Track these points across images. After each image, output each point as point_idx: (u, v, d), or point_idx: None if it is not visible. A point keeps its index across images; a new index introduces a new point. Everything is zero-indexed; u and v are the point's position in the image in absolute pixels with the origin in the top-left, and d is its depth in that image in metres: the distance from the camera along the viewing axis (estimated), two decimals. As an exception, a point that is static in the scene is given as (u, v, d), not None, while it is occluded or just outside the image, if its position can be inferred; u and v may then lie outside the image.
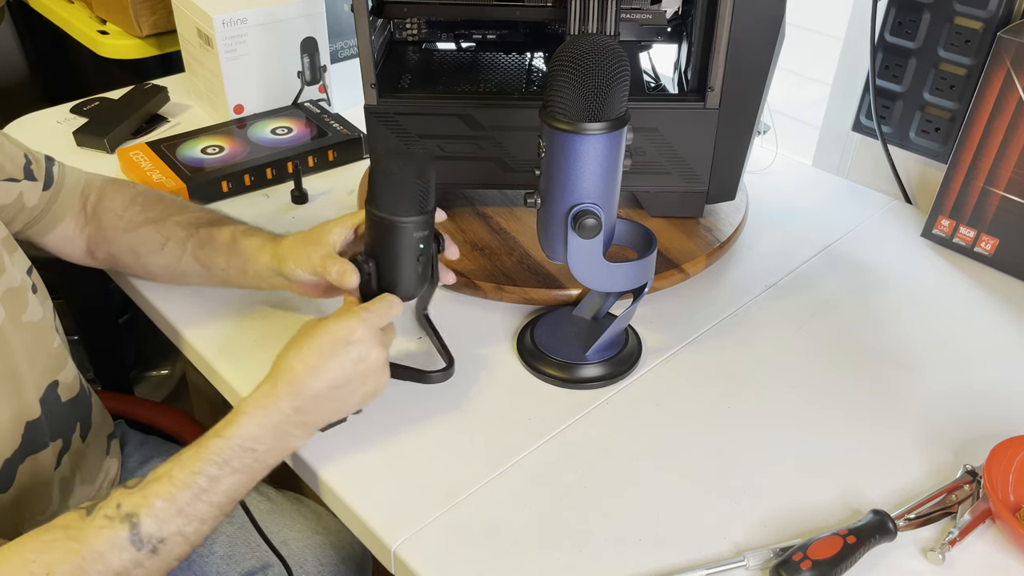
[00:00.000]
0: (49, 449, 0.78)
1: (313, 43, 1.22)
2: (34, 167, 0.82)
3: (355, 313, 0.69)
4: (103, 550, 0.60)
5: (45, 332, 0.79)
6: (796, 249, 0.99)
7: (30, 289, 0.77)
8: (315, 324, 0.69)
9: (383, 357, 0.69)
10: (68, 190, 0.85)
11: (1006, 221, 0.95)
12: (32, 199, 0.82)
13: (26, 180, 0.81)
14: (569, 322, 0.86)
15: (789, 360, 0.84)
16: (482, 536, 0.66)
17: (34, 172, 0.82)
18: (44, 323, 0.79)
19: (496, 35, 1.05)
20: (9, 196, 0.79)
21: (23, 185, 0.81)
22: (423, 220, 0.72)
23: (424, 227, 0.73)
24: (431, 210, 0.73)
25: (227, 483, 0.64)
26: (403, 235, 0.72)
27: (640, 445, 0.74)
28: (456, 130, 0.92)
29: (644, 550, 0.65)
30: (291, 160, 1.08)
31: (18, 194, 0.80)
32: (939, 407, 0.78)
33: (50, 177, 0.83)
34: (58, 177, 0.84)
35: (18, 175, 0.80)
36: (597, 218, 0.72)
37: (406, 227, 0.72)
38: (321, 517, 0.96)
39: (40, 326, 0.78)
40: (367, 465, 0.72)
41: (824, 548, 0.63)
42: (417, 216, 0.71)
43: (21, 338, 0.74)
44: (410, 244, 0.73)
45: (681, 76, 0.99)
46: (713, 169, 0.94)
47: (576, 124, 0.68)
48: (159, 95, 1.26)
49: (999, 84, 0.90)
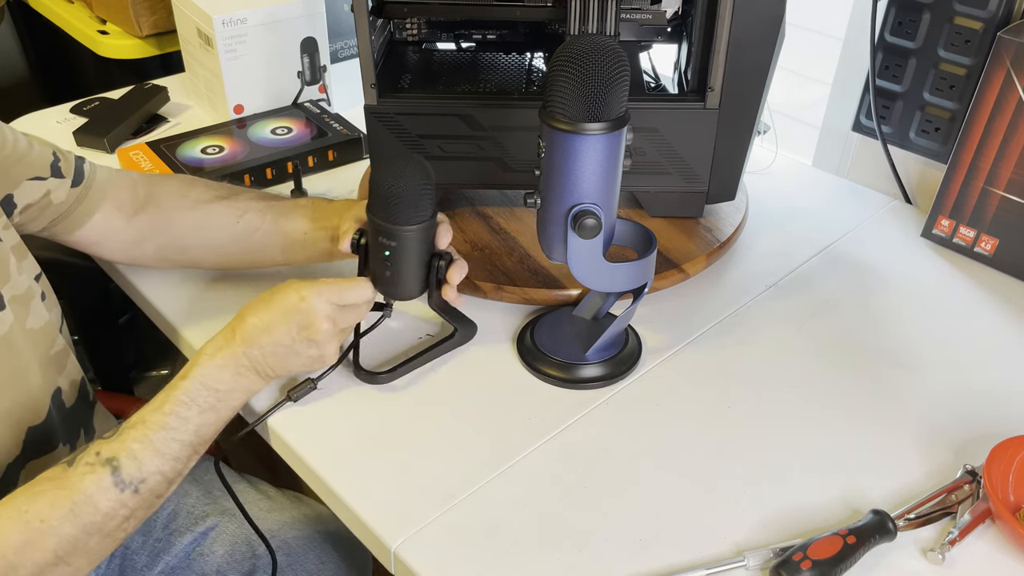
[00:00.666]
0: (55, 454, 0.78)
1: (313, 43, 1.22)
2: (62, 164, 0.82)
3: (315, 284, 0.73)
4: (90, 492, 0.64)
5: (51, 337, 0.79)
6: (796, 249, 0.99)
7: (39, 296, 0.78)
8: (282, 285, 0.73)
9: (330, 330, 0.72)
10: (99, 185, 0.85)
11: (1006, 221, 0.95)
12: (60, 196, 0.82)
13: (53, 177, 0.81)
14: (569, 322, 0.86)
15: (789, 360, 0.84)
16: (482, 536, 0.66)
17: (62, 169, 0.82)
18: (51, 328, 0.79)
19: (496, 35, 1.05)
20: (35, 195, 0.80)
21: (50, 183, 0.81)
22: (423, 228, 0.74)
23: (422, 235, 0.74)
24: (430, 216, 0.74)
25: (195, 422, 0.69)
26: (404, 241, 0.74)
27: (640, 445, 0.74)
28: (456, 130, 0.92)
29: (644, 550, 0.65)
30: (291, 160, 1.09)
31: (45, 192, 0.80)
32: (939, 407, 0.78)
33: (79, 174, 0.84)
34: (88, 174, 0.84)
35: (44, 173, 0.80)
36: (597, 218, 0.72)
37: (407, 234, 0.73)
38: (321, 516, 0.96)
39: (47, 331, 0.78)
40: (367, 465, 0.72)
41: (824, 548, 0.63)
42: (416, 224, 0.73)
43: (28, 343, 0.75)
44: (410, 249, 0.74)
45: (681, 76, 0.99)
46: (713, 169, 0.94)
47: (576, 124, 0.68)
48: (159, 95, 1.26)
49: (999, 84, 0.90)
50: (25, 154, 0.79)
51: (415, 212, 0.73)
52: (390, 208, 0.73)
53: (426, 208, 0.74)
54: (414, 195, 0.72)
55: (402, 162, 0.72)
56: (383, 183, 0.72)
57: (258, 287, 0.90)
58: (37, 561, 0.62)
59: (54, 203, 0.82)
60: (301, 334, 0.72)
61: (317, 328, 0.72)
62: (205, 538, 0.90)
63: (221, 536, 0.91)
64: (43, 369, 0.77)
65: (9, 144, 0.78)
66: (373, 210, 0.74)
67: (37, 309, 0.77)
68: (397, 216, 0.73)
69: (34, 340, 0.76)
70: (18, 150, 0.79)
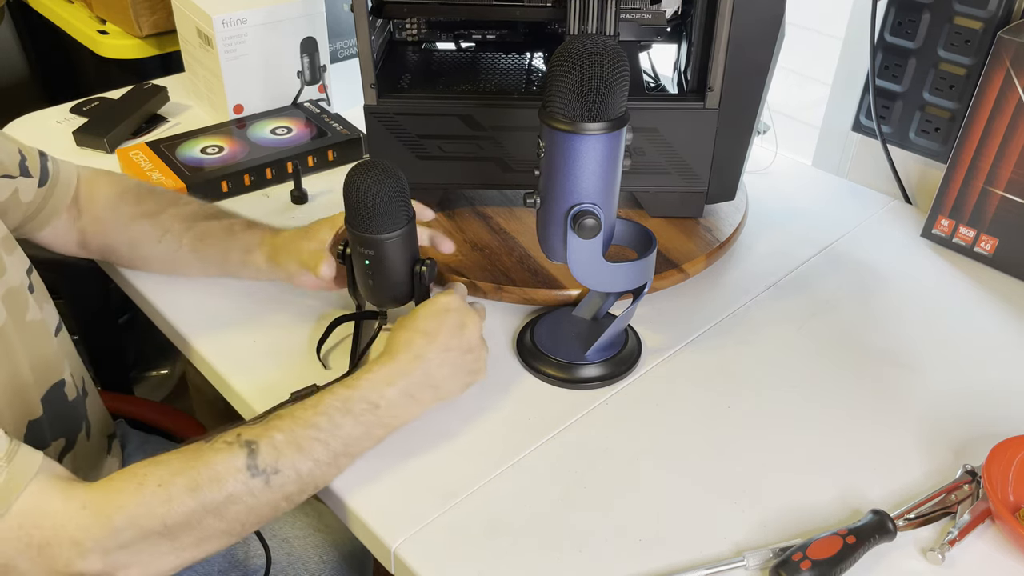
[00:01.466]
0: (51, 448, 0.78)
1: (313, 43, 1.22)
2: (29, 163, 0.82)
3: (444, 292, 0.75)
4: (220, 469, 0.61)
5: (46, 332, 0.79)
6: (796, 249, 0.99)
7: (28, 289, 0.77)
8: (417, 308, 0.75)
9: (478, 323, 0.75)
10: (62, 185, 0.85)
11: (1006, 221, 0.95)
12: (28, 195, 0.82)
13: (22, 177, 0.81)
14: (569, 322, 0.86)
15: (789, 360, 0.84)
16: (482, 536, 0.66)
17: (29, 168, 0.82)
18: (45, 323, 0.79)
19: (496, 35, 1.05)
20: (4, 192, 0.79)
21: (19, 182, 0.81)
22: (400, 235, 0.74)
23: (400, 242, 0.75)
24: (406, 223, 0.75)
25: (346, 431, 0.67)
26: (381, 250, 0.75)
27: (640, 445, 0.74)
28: (456, 130, 0.92)
29: (644, 550, 0.65)
30: (291, 160, 1.09)
31: (13, 191, 0.80)
32: (939, 407, 0.78)
33: (45, 173, 0.84)
34: (52, 172, 0.85)
35: (14, 172, 0.80)
36: (597, 218, 0.72)
37: (384, 243, 0.74)
38: (322, 515, 0.96)
39: (41, 326, 0.78)
40: (367, 465, 0.72)
41: (824, 548, 0.63)
42: (391, 232, 0.74)
43: (23, 338, 0.75)
44: (389, 257, 0.75)
45: (681, 76, 0.99)
46: (713, 169, 0.94)
47: (575, 124, 0.68)
48: (159, 95, 1.26)
49: (999, 84, 0.90)
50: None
51: (389, 220, 0.73)
52: (363, 218, 0.73)
53: (400, 215, 0.74)
54: (385, 203, 0.72)
55: (372, 171, 0.72)
56: (353, 194, 0.73)
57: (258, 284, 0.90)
58: (144, 526, 0.59)
59: (23, 202, 0.82)
60: (460, 332, 0.72)
61: (471, 322, 0.73)
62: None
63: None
64: (41, 363, 0.77)
65: None
66: (349, 221, 0.74)
67: (31, 303, 0.77)
68: (372, 226, 0.73)
69: (30, 334, 0.76)
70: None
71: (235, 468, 0.61)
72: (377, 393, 0.68)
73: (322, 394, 0.68)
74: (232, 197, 1.07)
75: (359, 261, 0.76)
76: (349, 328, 0.84)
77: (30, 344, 0.76)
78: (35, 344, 0.77)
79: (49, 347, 0.79)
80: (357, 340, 0.83)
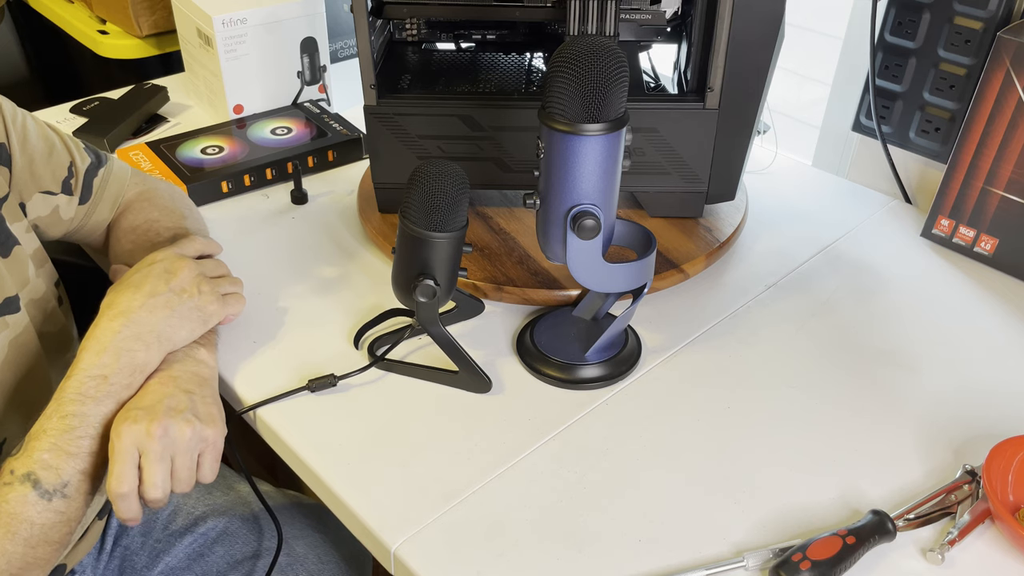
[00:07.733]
0: None
1: (313, 43, 1.22)
2: (73, 181, 0.83)
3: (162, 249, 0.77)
4: (18, 511, 0.63)
5: (67, 342, 0.81)
6: (796, 249, 0.99)
7: (55, 301, 0.78)
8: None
9: (193, 269, 0.75)
10: (105, 203, 0.86)
11: (1006, 221, 0.95)
12: (68, 212, 0.83)
13: (62, 194, 0.82)
14: (569, 323, 0.86)
15: (789, 360, 0.84)
16: (482, 536, 0.66)
17: (71, 186, 0.83)
18: (66, 332, 0.80)
19: (496, 35, 1.05)
20: (46, 208, 0.81)
21: (59, 199, 0.82)
22: (455, 236, 0.73)
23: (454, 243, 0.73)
24: (464, 226, 0.74)
25: (95, 413, 0.67)
26: (435, 249, 0.73)
27: (640, 445, 0.74)
28: (456, 130, 0.92)
29: (644, 550, 0.65)
30: (291, 160, 1.09)
31: (53, 208, 0.82)
32: (939, 407, 0.78)
33: (88, 191, 0.84)
34: (97, 189, 0.85)
35: (55, 188, 0.81)
36: (596, 219, 0.72)
37: (439, 243, 0.72)
38: (322, 515, 0.96)
39: (62, 336, 0.79)
40: (367, 465, 0.72)
41: (823, 548, 0.63)
42: (450, 232, 0.72)
43: (44, 347, 0.76)
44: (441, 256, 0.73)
45: (681, 76, 0.99)
46: (713, 169, 0.94)
47: (575, 125, 0.68)
48: (159, 95, 1.26)
49: (999, 84, 0.90)
50: (43, 161, 0.80)
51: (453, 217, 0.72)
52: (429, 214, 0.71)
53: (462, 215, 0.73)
54: (453, 200, 0.71)
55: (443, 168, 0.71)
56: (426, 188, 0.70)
57: (264, 286, 0.90)
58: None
59: (63, 219, 0.83)
60: (168, 277, 0.73)
61: (183, 268, 0.74)
62: (205, 539, 0.91)
63: (221, 537, 0.91)
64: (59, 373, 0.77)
65: (30, 145, 0.79)
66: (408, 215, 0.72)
67: (56, 313, 0.78)
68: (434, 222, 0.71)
69: (50, 344, 0.76)
70: (36, 155, 0.79)
71: (30, 503, 0.63)
72: (95, 366, 0.68)
73: (56, 395, 0.67)
74: (232, 197, 1.07)
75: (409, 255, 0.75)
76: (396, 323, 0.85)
77: (53, 353, 0.77)
78: (57, 353, 0.78)
79: (72, 356, 0.79)
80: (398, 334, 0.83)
